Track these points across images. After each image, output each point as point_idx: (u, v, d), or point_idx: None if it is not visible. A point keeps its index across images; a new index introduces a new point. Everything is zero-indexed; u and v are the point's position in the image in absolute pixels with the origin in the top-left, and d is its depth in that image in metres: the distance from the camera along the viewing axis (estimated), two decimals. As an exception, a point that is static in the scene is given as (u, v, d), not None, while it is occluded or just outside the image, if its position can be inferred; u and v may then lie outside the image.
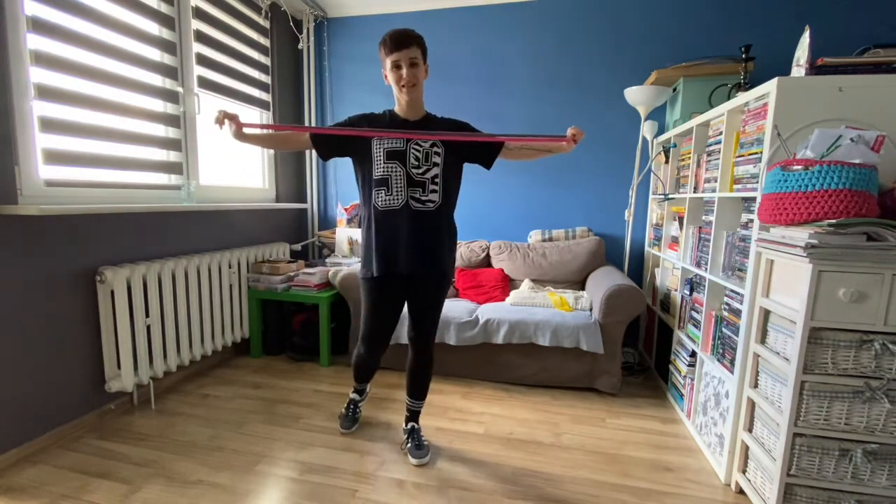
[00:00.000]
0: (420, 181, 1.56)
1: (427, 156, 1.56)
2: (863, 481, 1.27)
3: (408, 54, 1.49)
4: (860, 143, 1.26)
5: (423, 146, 1.56)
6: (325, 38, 3.26)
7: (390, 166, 1.55)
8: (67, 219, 1.79)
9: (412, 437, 1.76)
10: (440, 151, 1.57)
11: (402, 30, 1.50)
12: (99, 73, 1.88)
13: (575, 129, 1.49)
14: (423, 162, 1.56)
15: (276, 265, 2.65)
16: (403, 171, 1.55)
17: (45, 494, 1.49)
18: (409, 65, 1.50)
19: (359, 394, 1.96)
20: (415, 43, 1.50)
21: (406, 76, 1.50)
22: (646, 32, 2.76)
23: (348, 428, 1.90)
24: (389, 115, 1.63)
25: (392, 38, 1.48)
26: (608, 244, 2.99)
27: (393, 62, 1.50)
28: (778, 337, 1.38)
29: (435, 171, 1.57)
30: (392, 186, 1.55)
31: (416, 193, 1.56)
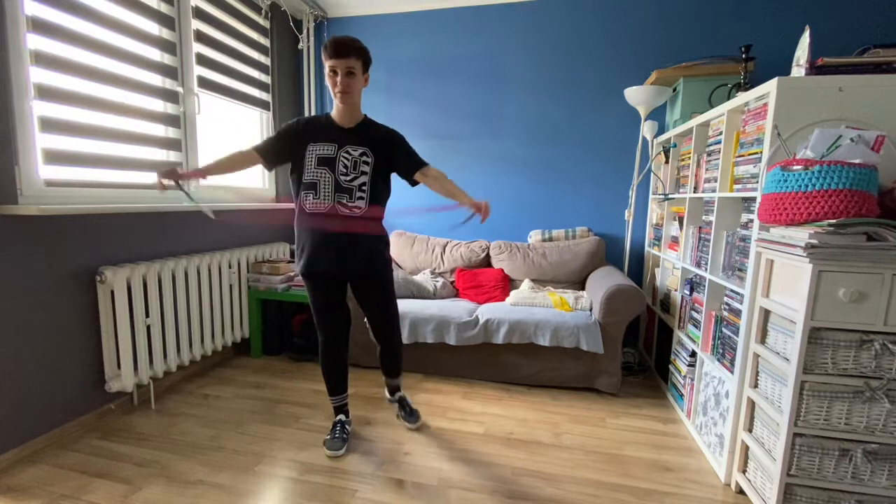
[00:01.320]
0: (347, 188, 1.63)
1: (356, 164, 1.63)
2: (863, 481, 1.27)
3: (345, 63, 1.54)
4: (860, 143, 1.26)
5: (352, 154, 1.63)
6: (325, 38, 3.26)
7: (320, 172, 1.62)
8: (67, 219, 1.79)
9: (403, 406, 1.98)
10: (369, 160, 1.64)
11: (345, 38, 1.53)
12: (99, 73, 1.88)
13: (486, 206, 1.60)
14: (352, 169, 1.63)
15: (276, 265, 2.65)
16: (332, 178, 1.62)
17: (45, 494, 1.49)
18: (344, 73, 1.55)
19: (345, 413, 1.87)
20: (354, 54, 1.54)
21: (340, 84, 1.56)
22: (646, 32, 2.77)
23: (338, 449, 1.74)
24: (326, 119, 1.68)
25: (332, 45, 1.52)
26: (608, 244, 2.99)
27: (330, 67, 1.56)
28: (778, 337, 1.38)
29: (363, 178, 1.64)
30: (320, 191, 1.62)
31: (343, 199, 1.63)
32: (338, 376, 1.84)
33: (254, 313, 2.72)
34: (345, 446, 1.78)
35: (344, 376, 1.86)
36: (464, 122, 3.09)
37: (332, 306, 1.76)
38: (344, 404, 1.88)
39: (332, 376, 1.84)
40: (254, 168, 2.97)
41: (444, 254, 2.95)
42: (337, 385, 1.85)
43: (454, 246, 2.96)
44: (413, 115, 3.17)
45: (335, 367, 1.83)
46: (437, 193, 1.74)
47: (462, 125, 3.09)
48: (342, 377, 1.85)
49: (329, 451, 1.75)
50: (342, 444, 1.77)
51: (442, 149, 3.15)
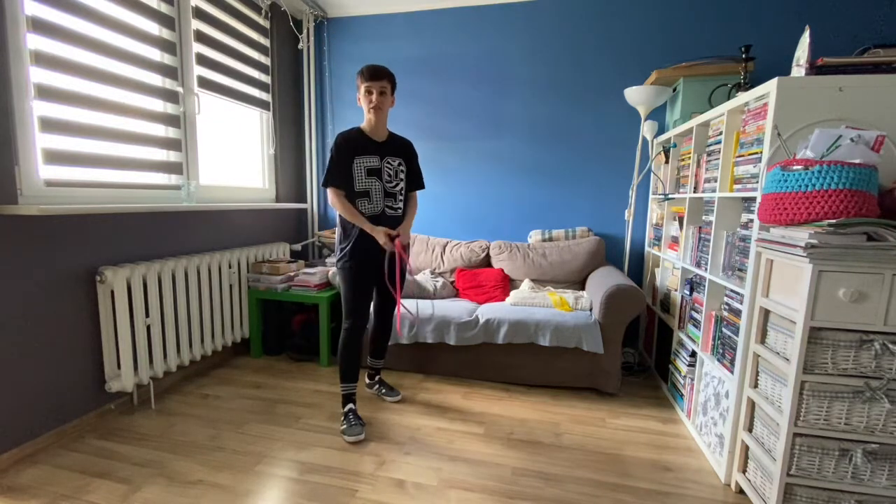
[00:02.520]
0: (392, 192, 1.96)
1: (396, 172, 1.97)
2: (863, 481, 1.27)
3: (379, 85, 1.86)
4: (860, 143, 1.26)
5: (392, 164, 1.96)
6: (325, 38, 3.26)
7: (370, 181, 1.91)
8: (67, 219, 1.79)
9: (382, 384, 2.24)
10: (404, 169, 2.00)
11: (378, 66, 1.86)
12: (99, 73, 1.88)
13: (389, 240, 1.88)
14: (394, 177, 1.96)
15: (276, 265, 2.65)
16: (381, 185, 1.92)
17: (45, 494, 1.49)
18: (378, 92, 1.86)
19: (353, 402, 1.97)
20: (386, 77, 1.87)
21: (375, 100, 1.86)
22: (646, 32, 2.76)
23: (359, 434, 1.84)
24: (359, 133, 1.93)
25: (368, 71, 1.84)
26: (608, 244, 2.99)
27: (366, 88, 1.87)
28: (778, 337, 1.38)
29: (401, 185, 1.98)
30: (373, 196, 1.92)
31: (390, 202, 1.96)
32: (356, 363, 1.99)
33: (254, 313, 2.72)
34: (364, 430, 1.88)
35: (359, 364, 2.01)
36: (464, 122, 3.09)
37: (369, 294, 1.98)
38: (353, 393, 2.00)
39: (353, 363, 1.97)
40: (254, 168, 3.00)
41: (444, 254, 2.95)
42: (355, 373, 1.99)
43: (454, 246, 2.96)
44: (413, 116, 3.17)
45: (357, 352, 1.98)
46: None
47: (462, 125, 3.09)
48: (358, 364, 2.00)
49: (350, 438, 1.84)
50: (361, 429, 1.87)
51: (442, 149, 3.15)
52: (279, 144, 3.10)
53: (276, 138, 3.08)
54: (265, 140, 3.06)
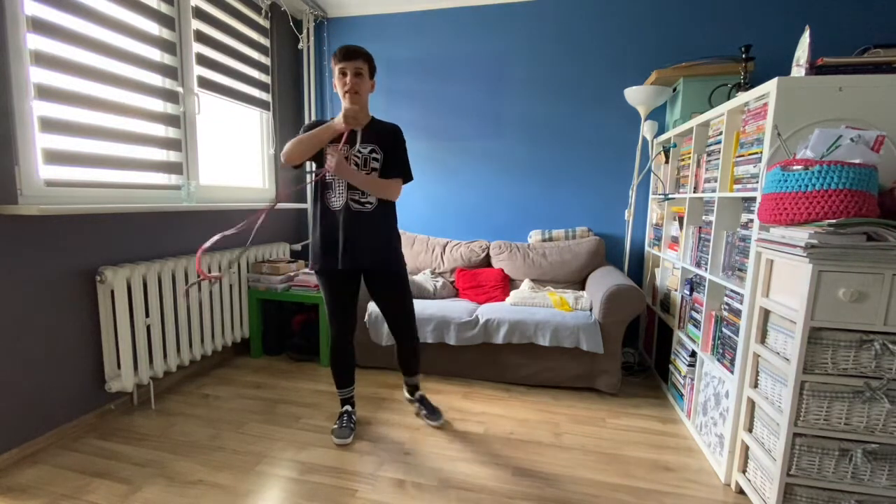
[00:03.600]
0: None
1: (366, 161, 1.72)
2: (863, 481, 1.27)
3: (353, 64, 1.65)
4: (860, 143, 1.26)
5: (363, 152, 1.72)
6: (325, 38, 3.26)
7: None
8: (67, 219, 1.79)
9: (423, 404, 2.00)
10: (379, 157, 1.74)
11: (352, 45, 1.67)
12: (99, 73, 1.88)
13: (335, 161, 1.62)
14: (363, 167, 1.72)
15: (276, 265, 2.65)
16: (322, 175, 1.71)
17: (45, 494, 1.49)
18: (353, 73, 1.66)
19: (350, 404, 1.96)
20: (361, 57, 1.67)
21: (350, 82, 1.65)
22: (646, 32, 2.76)
23: (346, 437, 1.82)
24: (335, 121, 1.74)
25: (341, 51, 1.66)
26: (608, 244, 2.99)
27: (340, 69, 1.67)
28: (778, 337, 1.38)
29: (373, 175, 1.73)
30: (335, 188, 1.72)
31: (356, 196, 1.72)
32: (346, 370, 1.92)
33: (254, 313, 2.72)
34: (352, 435, 1.85)
35: (351, 370, 1.94)
36: (464, 122, 3.09)
37: (344, 302, 1.83)
38: (350, 396, 1.96)
39: (342, 370, 1.91)
40: (254, 168, 3.00)
41: (444, 253, 2.95)
42: (345, 379, 1.93)
43: (454, 246, 2.96)
44: (413, 116, 3.17)
45: (344, 361, 1.90)
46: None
47: (462, 125, 3.09)
48: (350, 371, 1.93)
49: (337, 440, 1.81)
50: (350, 433, 1.84)
51: (442, 149, 3.15)
52: (279, 144, 3.10)
53: (276, 138, 3.08)
54: (265, 140, 3.06)
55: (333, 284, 1.79)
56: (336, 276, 1.78)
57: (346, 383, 1.93)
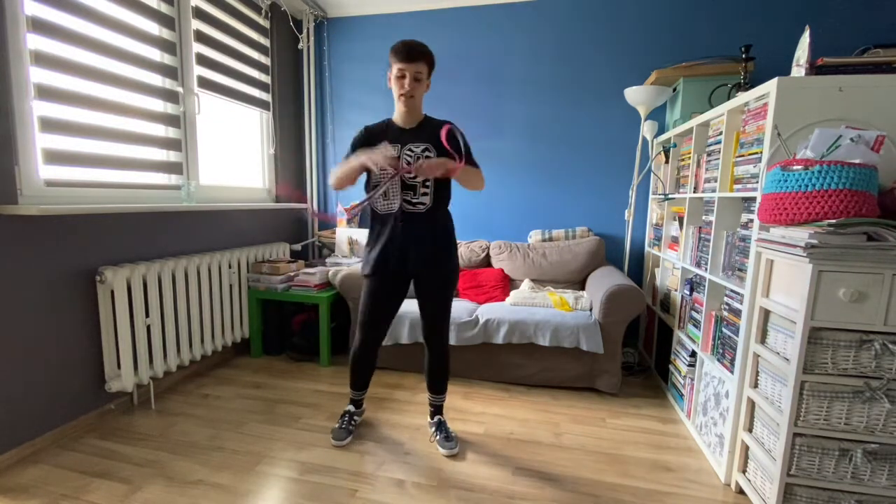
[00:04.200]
0: (411, 185, 1.67)
1: (419, 160, 1.63)
2: (863, 481, 1.27)
3: (414, 68, 1.59)
4: (860, 143, 1.26)
5: (414, 151, 1.66)
6: (325, 38, 3.26)
7: (385, 172, 1.65)
8: (67, 219, 1.79)
9: (440, 429, 1.84)
10: (432, 155, 1.66)
11: (416, 44, 1.58)
12: (99, 73, 1.88)
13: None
14: None
15: (276, 265, 2.65)
16: (397, 177, 1.66)
17: (45, 494, 1.49)
18: (412, 78, 1.60)
19: (356, 405, 1.93)
20: (423, 59, 1.60)
21: (407, 87, 1.60)
22: (646, 32, 2.76)
23: (342, 439, 1.81)
24: (387, 124, 1.73)
25: (405, 48, 1.57)
26: (608, 244, 2.99)
27: (399, 70, 1.60)
28: (778, 337, 1.38)
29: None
30: (388, 191, 1.68)
31: (408, 196, 1.67)
32: (366, 375, 1.89)
33: (254, 313, 2.72)
34: (349, 437, 1.84)
35: (370, 376, 1.91)
36: (464, 122, 3.09)
37: (387, 309, 1.78)
38: (361, 399, 1.94)
39: (362, 374, 1.88)
40: (254, 168, 3.00)
41: (444, 254, 2.95)
42: (363, 382, 1.90)
43: (454, 246, 2.96)
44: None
45: (368, 366, 1.87)
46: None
47: (462, 125, 3.09)
48: (369, 376, 1.90)
49: (333, 441, 1.81)
50: (347, 435, 1.83)
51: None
52: (279, 144, 3.10)
53: (276, 138, 3.08)
54: (265, 140, 3.06)
55: (386, 290, 1.74)
56: (389, 281, 1.73)
57: (362, 386, 1.91)
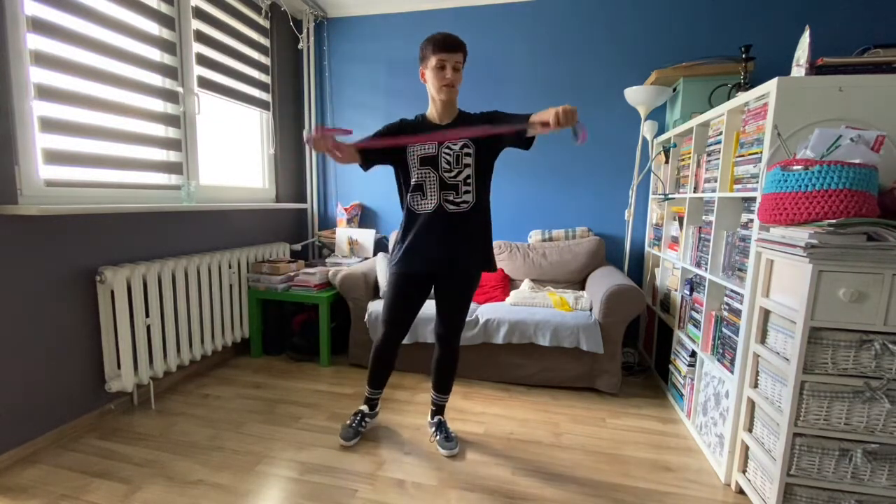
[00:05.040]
0: (453, 184, 1.62)
1: (458, 158, 1.61)
2: (863, 481, 1.27)
3: (454, 58, 1.55)
4: (860, 143, 1.26)
5: (453, 149, 1.61)
6: (325, 38, 3.26)
7: (424, 172, 1.62)
8: (67, 219, 1.79)
9: (440, 429, 1.83)
10: (471, 152, 1.62)
11: (453, 35, 1.56)
12: (99, 73, 1.88)
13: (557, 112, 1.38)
14: (455, 165, 1.61)
15: (276, 265, 2.65)
16: (436, 176, 1.61)
17: (45, 494, 1.49)
18: (453, 68, 1.56)
19: (370, 406, 1.91)
20: (461, 50, 1.57)
21: (450, 77, 1.56)
22: (646, 32, 2.76)
23: (350, 439, 1.80)
24: (422, 119, 1.69)
25: (444, 39, 1.54)
26: (608, 244, 2.99)
27: (438, 61, 1.55)
28: (778, 337, 1.38)
29: (467, 171, 1.62)
30: (427, 191, 1.63)
31: (450, 196, 1.63)
32: (385, 372, 1.86)
33: (254, 313, 2.72)
34: (357, 438, 1.83)
35: (388, 374, 1.88)
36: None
37: (413, 306, 1.76)
38: (376, 400, 1.92)
39: (381, 371, 1.86)
40: (254, 168, 2.99)
41: (444, 254, 2.95)
42: (380, 380, 1.88)
43: (454, 246, 2.96)
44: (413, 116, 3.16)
45: (388, 363, 1.84)
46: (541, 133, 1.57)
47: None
48: (388, 374, 1.88)
49: (341, 439, 1.80)
50: (355, 435, 1.82)
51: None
52: (279, 144, 3.10)
53: (276, 138, 3.08)
54: (265, 140, 3.06)
55: (412, 288, 1.72)
56: (418, 278, 1.71)
57: (380, 385, 1.89)
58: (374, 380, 1.88)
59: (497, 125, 1.57)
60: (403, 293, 1.73)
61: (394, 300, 1.74)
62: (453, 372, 1.85)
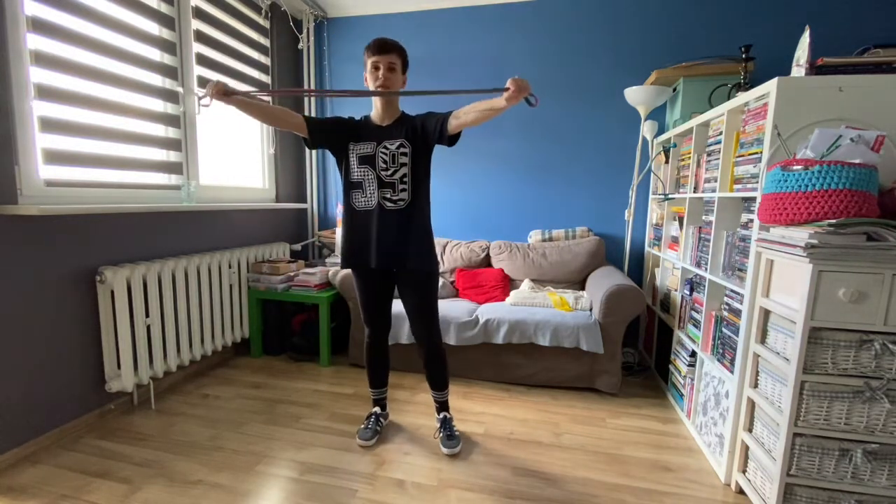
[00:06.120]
0: (389, 182, 1.67)
1: (394, 157, 1.66)
2: (863, 481, 1.27)
3: (387, 59, 1.60)
4: (860, 143, 1.26)
5: (390, 148, 1.66)
6: (325, 38, 3.26)
7: (362, 170, 1.68)
8: (67, 219, 1.79)
9: (444, 427, 1.84)
10: (407, 151, 1.67)
11: (387, 38, 1.62)
12: (99, 73, 1.88)
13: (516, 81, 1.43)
14: (391, 163, 1.66)
15: (276, 265, 2.65)
16: (374, 174, 1.67)
17: (45, 494, 1.49)
18: (386, 68, 1.60)
19: (380, 406, 1.94)
20: (395, 51, 1.62)
21: (382, 77, 1.60)
22: (646, 32, 2.76)
23: (369, 439, 1.81)
24: (365, 120, 1.73)
25: (375, 43, 1.60)
26: (608, 244, 2.99)
27: (373, 63, 1.61)
28: (778, 337, 1.38)
29: (403, 170, 1.67)
30: (365, 188, 1.68)
31: (387, 194, 1.68)
32: (381, 370, 1.91)
33: (254, 313, 2.72)
34: (376, 437, 1.85)
35: (386, 371, 1.94)
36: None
37: (380, 302, 1.82)
38: (382, 398, 1.95)
39: (376, 369, 1.91)
40: (254, 168, 2.99)
41: (444, 253, 2.95)
42: (379, 379, 1.92)
43: (454, 246, 2.96)
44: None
45: (380, 361, 1.90)
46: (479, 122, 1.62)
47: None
48: (384, 371, 1.93)
49: (359, 440, 1.82)
50: (373, 435, 1.84)
51: (442, 149, 3.15)
52: (279, 144, 3.10)
53: (276, 138, 3.08)
54: (265, 140, 3.06)
55: (369, 284, 1.78)
56: (372, 275, 1.77)
57: (380, 384, 1.93)
58: (374, 379, 1.92)
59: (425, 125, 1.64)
60: (368, 290, 1.79)
61: (362, 296, 1.81)
62: (443, 368, 1.85)
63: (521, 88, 1.43)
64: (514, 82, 1.43)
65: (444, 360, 1.85)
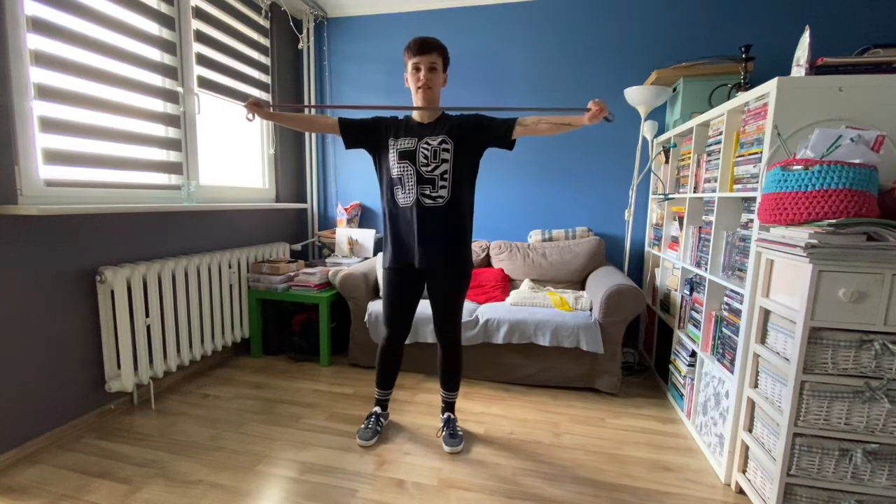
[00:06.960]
0: (429, 178, 1.66)
1: (436, 153, 1.65)
2: (863, 481, 1.27)
3: (429, 59, 1.62)
4: (860, 143, 1.26)
5: (431, 144, 1.66)
6: (325, 38, 3.26)
7: (402, 165, 1.67)
8: (67, 219, 1.79)
9: (447, 426, 1.86)
10: (449, 147, 1.66)
11: (428, 38, 1.63)
12: (99, 73, 1.88)
13: (598, 102, 1.49)
14: (432, 159, 1.65)
15: (276, 265, 2.65)
16: (414, 170, 1.66)
17: (45, 494, 1.49)
18: (427, 68, 1.62)
19: (382, 407, 1.94)
20: (436, 50, 1.63)
21: (423, 78, 1.62)
22: (646, 32, 2.77)
23: (369, 439, 1.81)
24: (408, 119, 1.74)
25: (416, 43, 1.61)
26: (608, 244, 2.99)
27: (413, 64, 1.63)
28: (778, 337, 1.38)
29: (444, 167, 1.66)
30: (405, 184, 1.68)
31: (426, 190, 1.67)
32: (392, 372, 1.91)
33: (254, 313, 2.72)
34: (375, 437, 1.85)
35: (396, 373, 1.93)
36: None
37: (410, 303, 1.81)
38: (386, 399, 1.96)
39: (388, 371, 1.90)
40: (254, 168, 2.99)
41: (444, 254, 2.95)
42: (389, 381, 1.92)
43: (454, 246, 2.96)
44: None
45: (393, 362, 1.89)
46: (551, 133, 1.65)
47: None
48: (395, 373, 1.92)
49: (359, 440, 1.81)
50: (373, 435, 1.84)
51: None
52: (279, 144, 3.10)
53: (276, 138, 3.08)
54: (265, 140, 3.06)
55: (405, 284, 1.77)
56: (411, 275, 1.76)
57: (388, 385, 1.93)
58: (383, 380, 1.92)
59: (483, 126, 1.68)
60: (397, 290, 1.78)
61: (390, 298, 1.80)
62: (458, 369, 1.87)
63: (602, 109, 1.50)
64: (596, 104, 1.49)
65: (460, 362, 1.87)
